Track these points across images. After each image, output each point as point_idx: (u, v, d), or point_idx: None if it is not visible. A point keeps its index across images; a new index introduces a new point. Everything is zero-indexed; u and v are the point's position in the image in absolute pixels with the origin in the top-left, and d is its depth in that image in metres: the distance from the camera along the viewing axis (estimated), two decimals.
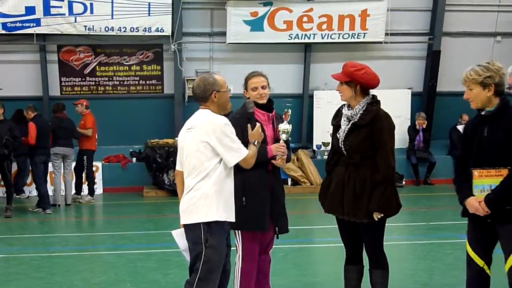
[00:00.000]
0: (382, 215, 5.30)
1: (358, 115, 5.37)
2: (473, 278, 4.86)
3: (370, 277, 5.64)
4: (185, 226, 5.02)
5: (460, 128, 5.63)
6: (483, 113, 4.75)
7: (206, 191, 4.90)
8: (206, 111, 5.04)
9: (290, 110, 5.69)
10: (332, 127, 5.67)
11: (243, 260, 5.62)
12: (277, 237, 5.79)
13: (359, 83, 5.38)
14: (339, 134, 5.47)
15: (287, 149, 5.72)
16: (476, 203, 4.63)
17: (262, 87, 5.67)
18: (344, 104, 5.57)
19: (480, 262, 4.77)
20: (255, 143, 5.17)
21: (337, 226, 5.71)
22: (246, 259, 5.63)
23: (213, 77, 5.08)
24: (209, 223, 4.88)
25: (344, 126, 5.44)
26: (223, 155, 4.91)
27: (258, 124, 5.25)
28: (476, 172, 4.65)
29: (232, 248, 5.80)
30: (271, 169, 5.66)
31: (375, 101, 5.43)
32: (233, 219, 5.06)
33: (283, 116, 5.67)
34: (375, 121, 5.32)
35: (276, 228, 5.67)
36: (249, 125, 5.27)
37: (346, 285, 5.79)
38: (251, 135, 5.21)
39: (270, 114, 5.74)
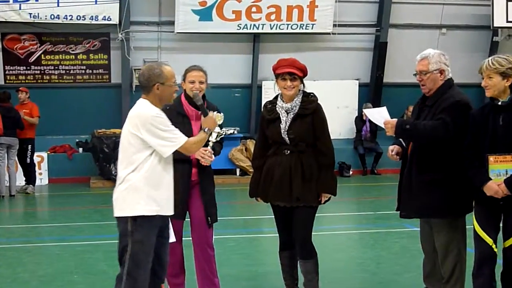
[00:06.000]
0: (329, 196, 5.70)
1: (298, 106, 5.67)
2: (483, 255, 5.19)
3: (301, 267, 5.85)
4: (116, 217, 4.99)
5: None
6: (499, 103, 5.06)
7: (135, 183, 4.83)
8: (143, 102, 4.85)
9: (222, 114, 5.48)
10: (264, 121, 5.82)
11: None
12: (210, 226, 5.87)
13: (305, 77, 5.75)
14: (282, 125, 5.67)
15: (219, 144, 5.78)
16: (495, 186, 4.99)
17: (200, 82, 5.74)
18: (273, 100, 5.81)
19: (489, 240, 5.13)
20: (206, 130, 5.05)
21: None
22: None
23: (160, 69, 4.83)
24: (136, 217, 4.83)
25: (285, 117, 5.69)
26: (156, 147, 4.76)
27: (214, 112, 5.23)
28: (492, 158, 5.01)
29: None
30: (195, 162, 5.72)
31: (308, 93, 5.76)
32: (169, 212, 4.97)
33: None
34: (316, 111, 5.69)
35: (209, 218, 5.83)
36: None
37: (283, 271, 6.05)
38: (203, 121, 5.14)
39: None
